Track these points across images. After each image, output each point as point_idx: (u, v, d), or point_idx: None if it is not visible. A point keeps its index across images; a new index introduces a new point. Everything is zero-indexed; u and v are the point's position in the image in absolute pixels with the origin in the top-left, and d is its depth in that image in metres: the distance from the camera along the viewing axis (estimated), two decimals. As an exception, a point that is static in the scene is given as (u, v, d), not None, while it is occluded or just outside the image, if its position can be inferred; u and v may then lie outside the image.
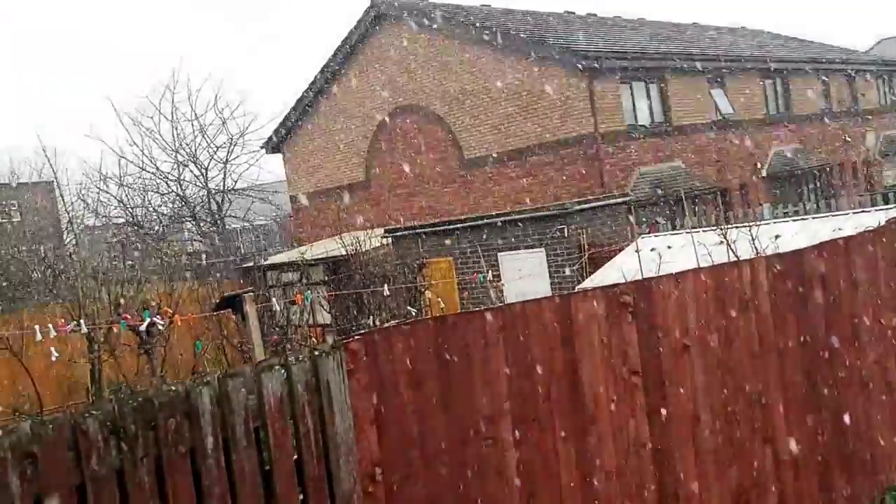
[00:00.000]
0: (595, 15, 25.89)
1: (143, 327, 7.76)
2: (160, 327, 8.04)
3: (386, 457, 3.17)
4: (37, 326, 7.51)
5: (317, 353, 2.94)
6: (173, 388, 2.56)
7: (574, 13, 25.58)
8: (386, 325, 3.37)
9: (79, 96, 67.80)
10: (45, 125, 60.65)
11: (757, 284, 5.19)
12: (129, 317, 8.08)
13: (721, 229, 8.53)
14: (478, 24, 19.48)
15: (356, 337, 3.18)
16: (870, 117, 27.86)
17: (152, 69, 69.41)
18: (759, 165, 21.97)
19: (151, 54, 76.66)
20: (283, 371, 2.81)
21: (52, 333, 7.46)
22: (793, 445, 5.29)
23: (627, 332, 4.39)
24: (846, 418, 5.82)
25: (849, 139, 25.81)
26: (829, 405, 5.66)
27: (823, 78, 25.90)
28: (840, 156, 25.40)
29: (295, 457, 2.86)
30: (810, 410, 5.50)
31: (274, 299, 10.35)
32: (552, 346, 3.99)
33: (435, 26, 20.26)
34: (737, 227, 9.19)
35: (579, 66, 17.28)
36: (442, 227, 16.43)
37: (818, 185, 23.63)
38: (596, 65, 17.35)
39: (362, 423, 3.09)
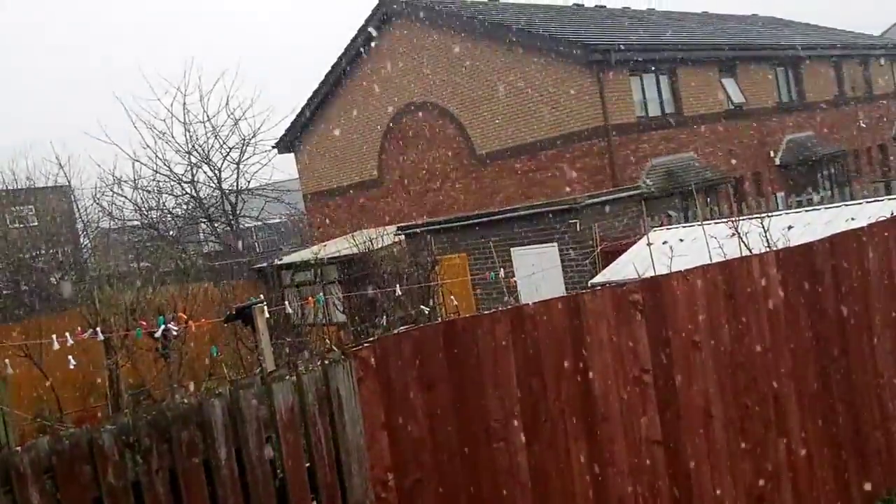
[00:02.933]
0: (604, 7, 25.82)
1: (158, 334, 7.85)
2: (175, 332, 8.13)
3: (397, 462, 3.21)
4: (54, 336, 7.62)
5: (326, 361, 2.98)
6: (186, 400, 2.61)
7: (583, 5, 25.51)
8: (395, 330, 3.41)
9: (92, 98, 68.20)
10: (58, 128, 61.05)
11: (767, 279, 5.19)
12: (145, 323, 8.16)
13: (732, 221, 8.51)
14: (487, 20, 19.47)
15: (365, 344, 3.22)
16: (884, 102, 27.62)
17: (164, 68, 69.74)
18: (772, 154, 21.84)
19: (162, 51, 77.04)
20: (293, 381, 2.86)
21: (70, 342, 7.56)
22: (807, 438, 5.30)
23: (637, 330, 4.41)
24: (861, 410, 5.81)
25: (863, 124, 25.61)
26: (843, 397, 5.66)
27: (836, 64, 25.69)
28: (854, 141, 25.20)
29: (307, 465, 2.91)
30: (824, 403, 5.49)
31: (287, 302, 10.41)
32: (562, 346, 4.01)
33: (444, 22, 20.26)
34: (748, 219, 9.16)
35: (589, 59, 17.23)
36: (454, 224, 16.46)
37: (832, 171, 23.46)
38: (606, 57, 17.30)
39: (373, 429, 3.13)
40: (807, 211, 10.64)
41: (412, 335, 3.40)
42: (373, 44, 22.13)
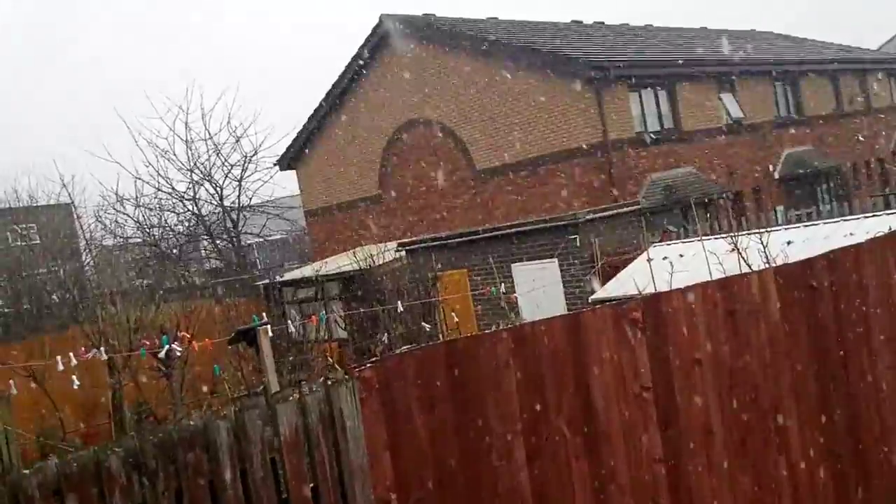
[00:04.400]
0: (602, 23, 25.97)
1: (161, 354, 7.88)
2: (178, 353, 8.16)
3: (400, 481, 3.24)
4: (58, 357, 7.65)
5: (330, 382, 3.02)
6: (192, 422, 2.65)
7: (581, 22, 25.67)
8: (398, 350, 3.45)
9: (95, 116, 68.53)
10: (61, 146, 61.27)
11: (766, 295, 5.23)
12: (147, 343, 8.20)
13: (732, 237, 8.55)
14: (485, 38, 19.60)
15: (368, 364, 3.26)
16: (882, 115, 27.73)
17: (166, 87, 70.01)
18: (771, 168, 21.92)
19: (164, 70, 77.34)
20: (297, 402, 2.90)
21: (74, 362, 7.60)
22: (807, 453, 5.32)
23: (637, 347, 4.44)
24: (861, 424, 5.84)
25: (862, 138, 25.71)
26: (843, 413, 5.68)
27: (834, 78, 25.82)
28: (853, 155, 25.28)
29: (311, 485, 2.94)
30: (825, 419, 5.52)
31: (290, 321, 10.45)
32: (563, 365, 4.05)
33: (443, 40, 20.41)
34: (748, 234, 9.20)
35: (588, 75, 17.34)
36: (455, 240, 16.50)
37: (832, 185, 23.54)
38: (604, 73, 17.41)
39: (376, 449, 3.16)
40: (806, 226, 10.68)
41: (414, 355, 3.44)
42: (373, 62, 22.28)
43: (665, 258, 10.27)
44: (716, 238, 10.41)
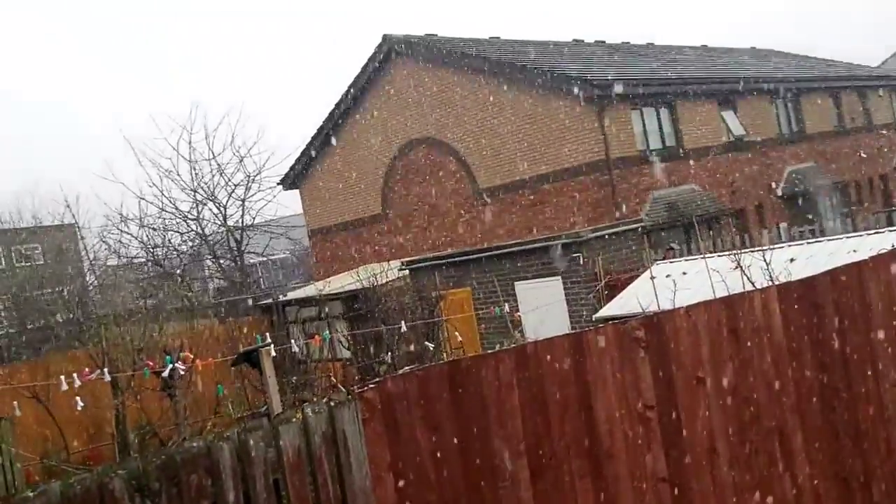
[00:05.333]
0: (604, 42, 26.10)
1: (165, 373, 7.88)
2: (181, 372, 8.16)
3: (403, 503, 3.23)
4: (62, 377, 7.66)
5: (333, 403, 3.02)
6: (195, 444, 2.65)
7: (583, 41, 25.80)
8: (401, 371, 3.45)
9: (99, 137, 68.91)
10: (66, 166, 61.55)
11: (770, 313, 5.22)
12: (151, 363, 8.20)
13: (734, 255, 8.56)
14: (488, 57, 19.70)
15: (371, 385, 3.26)
16: (884, 132, 27.77)
17: (170, 108, 70.39)
18: (773, 185, 21.94)
19: (167, 92, 77.81)
20: (300, 423, 2.90)
21: (78, 383, 7.60)
22: (812, 473, 5.29)
23: (640, 367, 4.43)
24: (866, 443, 5.80)
25: (864, 155, 25.74)
26: (848, 431, 5.65)
27: (835, 95, 25.89)
28: (855, 172, 25.31)
29: (314, 506, 2.93)
30: (830, 437, 5.49)
31: (293, 341, 10.45)
32: (566, 385, 4.04)
33: (445, 60, 20.52)
34: (751, 252, 9.20)
35: (590, 94, 17.41)
36: (458, 258, 16.52)
37: (834, 202, 23.54)
38: (606, 92, 17.48)
39: (379, 471, 3.15)
40: (809, 243, 10.68)
41: (417, 375, 3.44)
42: (376, 81, 22.40)
43: (668, 276, 10.27)
44: (719, 256, 10.41)
